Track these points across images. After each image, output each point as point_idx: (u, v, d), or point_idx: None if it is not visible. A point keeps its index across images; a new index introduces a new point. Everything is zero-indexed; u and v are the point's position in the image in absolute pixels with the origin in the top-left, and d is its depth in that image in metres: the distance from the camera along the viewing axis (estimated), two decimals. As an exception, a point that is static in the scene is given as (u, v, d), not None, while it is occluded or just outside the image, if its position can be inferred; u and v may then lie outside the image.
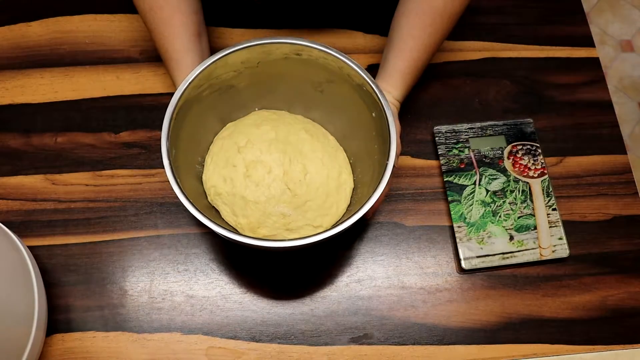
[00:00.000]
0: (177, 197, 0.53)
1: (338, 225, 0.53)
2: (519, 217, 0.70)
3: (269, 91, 0.66)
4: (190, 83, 0.58)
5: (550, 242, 0.69)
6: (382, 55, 0.67)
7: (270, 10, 0.78)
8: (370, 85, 0.58)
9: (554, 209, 0.71)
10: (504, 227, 0.70)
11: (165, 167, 0.54)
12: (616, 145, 0.77)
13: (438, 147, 0.74)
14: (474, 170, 0.73)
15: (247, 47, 0.59)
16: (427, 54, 0.65)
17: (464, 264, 0.68)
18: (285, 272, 0.68)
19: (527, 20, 0.84)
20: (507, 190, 0.72)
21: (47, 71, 0.76)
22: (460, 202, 0.71)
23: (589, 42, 0.83)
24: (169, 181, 0.53)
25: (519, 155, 0.74)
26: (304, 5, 0.78)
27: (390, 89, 0.64)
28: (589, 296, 0.69)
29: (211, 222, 0.52)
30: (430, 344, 0.65)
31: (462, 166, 0.73)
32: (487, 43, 0.82)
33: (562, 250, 0.69)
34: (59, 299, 0.65)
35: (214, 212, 0.63)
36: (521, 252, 0.69)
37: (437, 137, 0.74)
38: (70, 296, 0.65)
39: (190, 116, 0.60)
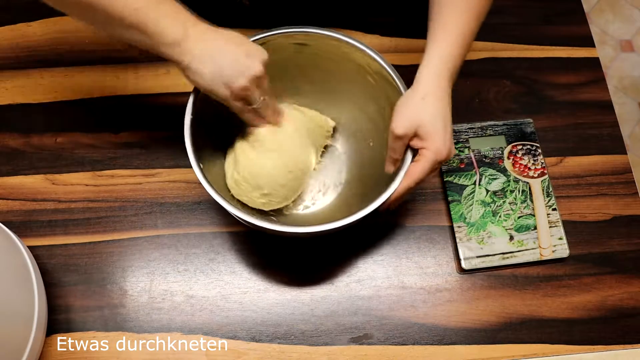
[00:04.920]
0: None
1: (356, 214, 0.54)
2: (519, 217, 0.70)
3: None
4: None
5: (550, 242, 0.69)
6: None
7: (260, 11, 0.78)
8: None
9: (554, 209, 0.71)
10: (504, 227, 0.70)
11: (188, 151, 0.55)
12: (616, 145, 0.77)
13: (438, 147, 0.74)
14: (474, 170, 0.73)
15: (288, 33, 0.61)
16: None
17: (464, 264, 0.68)
18: (285, 273, 0.68)
19: (527, 20, 0.84)
20: (507, 190, 0.72)
21: (47, 71, 0.76)
22: (460, 202, 0.71)
23: (589, 42, 0.83)
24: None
25: (519, 155, 0.74)
26: (295, 6, 0.77)
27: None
28: (589, 296, 0.69)
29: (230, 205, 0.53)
30: (430, 344, 0.65)
31: (462, 166, 0.73)
32: (487, 43, 0.82)
33: (562, 250, 0.69)
34: (59, 299, 0.65)
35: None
36: (521, 252, 0.68)
37: (437, 137, 0.74)
38: (70, 296, 0.65)
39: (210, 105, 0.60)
